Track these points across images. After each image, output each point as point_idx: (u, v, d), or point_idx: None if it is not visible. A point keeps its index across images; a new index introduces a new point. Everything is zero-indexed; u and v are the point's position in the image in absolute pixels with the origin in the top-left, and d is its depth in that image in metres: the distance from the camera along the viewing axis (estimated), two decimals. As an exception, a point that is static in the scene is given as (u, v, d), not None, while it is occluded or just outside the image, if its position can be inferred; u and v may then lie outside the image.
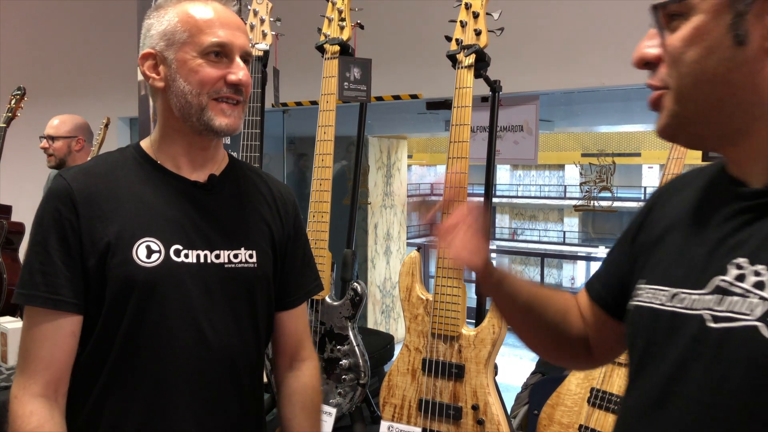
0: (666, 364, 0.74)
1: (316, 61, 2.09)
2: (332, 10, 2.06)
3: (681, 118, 0.73)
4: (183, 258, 1.11)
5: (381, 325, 6.74)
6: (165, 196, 1.14)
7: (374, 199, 6.49)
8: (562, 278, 18.25)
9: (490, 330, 1.71)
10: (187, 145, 1.16)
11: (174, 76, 1.11)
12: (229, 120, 1.12)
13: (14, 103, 3.29)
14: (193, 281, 1.11)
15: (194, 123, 1.11)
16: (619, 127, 7.68)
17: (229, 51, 1.11)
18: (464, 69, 1.79)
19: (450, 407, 1.74)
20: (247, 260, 1.17)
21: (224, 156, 1.24)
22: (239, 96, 1.13)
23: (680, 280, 0.76)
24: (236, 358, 1.16)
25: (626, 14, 2.80)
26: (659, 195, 0.91)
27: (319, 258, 1.98)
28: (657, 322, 0.77)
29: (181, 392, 1.10)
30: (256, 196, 1.24)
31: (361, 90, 2.10)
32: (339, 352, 1.94)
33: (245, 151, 2.09)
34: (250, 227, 1.20)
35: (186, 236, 1.12)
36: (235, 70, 1.11)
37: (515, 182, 19.79)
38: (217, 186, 1.18)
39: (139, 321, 1.08)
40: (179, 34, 1.10)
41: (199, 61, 1.09)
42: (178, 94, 1.11)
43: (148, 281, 1.07)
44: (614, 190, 4.10)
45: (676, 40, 0.71)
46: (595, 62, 2.91)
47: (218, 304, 1.13)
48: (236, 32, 1.12)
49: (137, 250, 1.08)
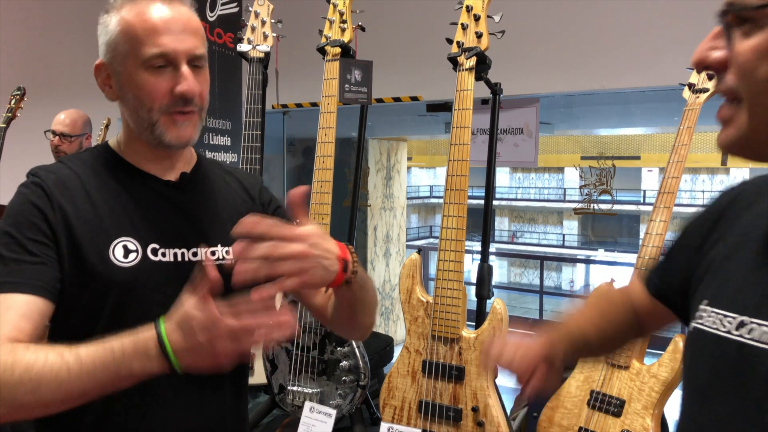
0: (737, 401, 0.69)
1: (317, 62, 2.09)
2: (333, 12, 2.06)
3: (752, 139, 0.67)
4: (160, 257, 1.09)
5: (380, 327, 6.73)
6: (139, 196, 1.11)
7: (374, 202, 6.49)
8: (561, 281, 18.25)
9: (490, 332, 1.71)
10: (152, 152, 1.13)
11: (124, 90, 1.07)
12: (180, 132, 1.08)
13: (14, 103, 3.28)
14: (170, 280, 1.08)
15: (148, 137, 1.09)
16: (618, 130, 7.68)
17: (173, 59, 1.04)
18: (465, 71, 1.79)
19: (450, 409, 1.74)
20: (224, 257, 1.15)
21: (192, 154, 1.22)
22: (190, 107, 1.07)
23: (750, 309, 0.71)
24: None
25: (626, 18, 2.81)
26: (731, 202, 0.85)
27: (319, 259, 1.98)
28: (723, 352, 0.72)
29: (161, 392, 1.08)
30: (228, 192, 1.22)
31: (361, 92, 2.10)
32: (339, 354, 1.94)
33: (246, 153, 2.09)
34: (226, 223, 1.15)
35: (162, 235, 1.10)
36: (182, 80, 1.04)
37: (515, 185, 19.80)
38: (189, 184, 1.16)
39: (117, 322, 1.03)
40: (121, 46, 1.05)
41: (143, 74, 1.04)
42: (130, 108, 1.08)
43: (126, 281, 1.05)
44: (614, 193, 4.09)
45: (748, 51, 0.64)
46: (596, 65, 2.91)
47: None
48: (180, 35, 1.05)
49: (114, 250, 1.05)
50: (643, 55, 2.74)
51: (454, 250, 1.75)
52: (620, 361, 1.72)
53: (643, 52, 2.75)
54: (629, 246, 16.37)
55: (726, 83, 0.68)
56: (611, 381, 1.74)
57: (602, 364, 1.77)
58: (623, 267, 11.31)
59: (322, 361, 1.96)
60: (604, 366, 1.76)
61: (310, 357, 1.97)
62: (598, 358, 1.10)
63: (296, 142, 5.62)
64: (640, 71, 2.77)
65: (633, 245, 16.14)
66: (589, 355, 1.09)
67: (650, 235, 1.75)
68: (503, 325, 1.71)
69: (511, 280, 19.18)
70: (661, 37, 2.66)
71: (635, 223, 16.95)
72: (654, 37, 2.69)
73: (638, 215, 16.22)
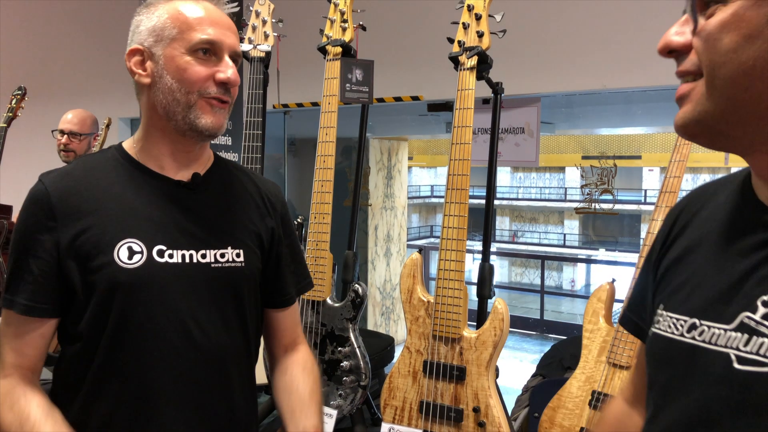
0: (688, 402, 0.69)
1: (318, 62, 2.08)
2: (334, 12, 2.06)
3: (709, 115, 0.66)
4: (167, 258, 1.09)
5: (381, 327, 6.73)
6: (147, 197, 1.12)
7: (375, 201, 6.49)
8: (562, 281, 18.26)
9: (491, 332, 1.71)
10: (171, 145, 1.14)
11: (161, 73, 1.09)
12: (215, 118, 1.11)
13: (15, 103, 3.28)
14: (178, 282, 1.09)
15: (179, 121, 1.10)
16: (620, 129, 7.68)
17: (218, 49, 1.10)
18: (466, 71, 1.78)
19: (451, 409, 1.74)
20: (234, 259, 1.15)
21: (210, 156, 1.22)
22: (227, 96, 1.12)
23: (700, 311, 0.71)
24: (225, 358, 1.14)
25: (628, 17, 2.80)
26: (681, 211, 0.85)
27: (320, 260, 1.97)
28: (676, 356, 0.73)
29: (169, 395, 1.09)
30: (242, 195, 1.22)
31: (362, 91, 2.09)
32: (340, 354, 1.94)
33: (246, 152, 2.09)
34: (237, 226, 1.19)
35: (169, 236, 1.10)
36: (224, 68, 1.10)
37: (516, 184, 19.81)
38: (201, 185, 1.17)
39: (124, 323, 1.07)
40: (168, 30, 1.08)
41: (188, 58, 1.08)
42: (165, 91, 1.09)
43: (130, 283, 1.06)
44: (615, 193, 4.09)
45: (711, 24, 0.64)
46: (597, 65, 2.91)
47: (205, 305, 1.12)
48: (226, 32, 1.11)
49: (118, 252, 1.06)
50: (645, 54, 2.74)
51: (455, 249, 1.75)
52: (622, 361, 1.72)
53: (645, 51, 2.74)
54: (630, 246, 16.37)
55: (689, 62, 0.68)
56: (613, 381, 1.73)
57: (604, 364, 1.76)
58: (624, 267, 11.31)
59: (323, 362, 1.95)
60: (605, 366, 1.76)
61: (311, 357, 1.97)
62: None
63: (297, 142, 5.61)
64: (641, 71, 2.76)
65: (634, 245, 16.14)
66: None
67: (651, 234, 1.74)
68: (504, 325, 1.71)
69: (512, 280, 19.18)
70: (662, 37, 2.65)
71: (636, 222, 16.95)
72: (655, 36, 2.67)
73: (639, 215, 16.21)
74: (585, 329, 1.83)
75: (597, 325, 1.82)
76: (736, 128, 0.66)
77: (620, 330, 1.73)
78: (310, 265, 1.98)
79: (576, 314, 12.71)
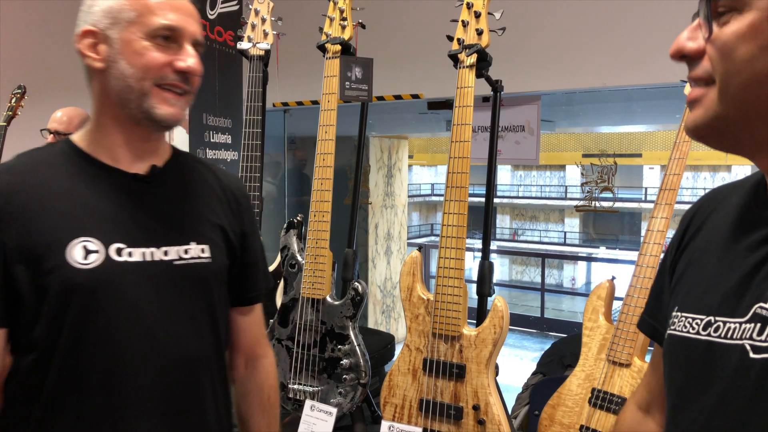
0: (706, 398, 0.70)
1: (318, 60, 2.08)
2: (333, 10, 2.06)
3: (720, 119, 0.68)
4: (126, 257, 1.01)
5: (381, 325, 6.74)
6: (101, 192, 1.04)
7: (375, 199, 6.49)
8: (562, 279, 18.25)
9: (491, 330, 1.71)
10: (125, 134, 1.06)
11: (115, 57, 1.02)
12: (173, 110, 1.04)
13: (15, 101, 3.29)
14: (139, 282, 1.02)
15: (133, 110, 1.03)
16: (620, 127, 7.68)
17: (179, 36, 1.04)
18: (466, 69, 1.78)
19: (451, 407, 1.74)
20: (200, 255, 1.09)
21: (167, 148, 1.15)
22: (186, 85, 1.05)
23: (714, 308, 0.72)
24: (195, 363, 1.08)
25: (628, 15, 2.80)
26: (694, 214, 0.86)
27: (319, 258, 1.97)
28: (693, 354, 0.73)
29: (136, 406, 1.01)
30: (204, 189, 1.15)
31: (362, 89, 2.09)
32: (340, 352, 1.94)
33: (246, 151, 2.09)
34: (200, 220, 1.12)
35: (127, 233, 1.02)
36: (184, 56, 1.04)
37: (516, 182, 19.80)
38: (159, 178, 1.09)
39: (83, 330, 0.98)
40: (126, 13, 1.01)
41: (146, 43, 1.01)
42: (119, 77, 1.02)
43: (88, 285, 0.97)
44: (615, 191, 4.09)
45: (727, 34, 0.65)
46: (597, 63, 2.91)
47: (171, 306, 1.05)
48: (188, 18, 1.05)
49: (72, 252, 0.97)
50: (645, 52, 2.74)
51: (454, 247, 1.75)
52: (621, 359, 1.72)
53: (645, 49, 2.74)
54: (631, 243, 16.37)
55: (701, 68, 0.69)
56: (612, 379, 1.73)
57: (603, 361, 1.76)
58: (625, 264, 11.31)
59: (323, 359, 1.96)
60: (605, 364, 1.76)
61: (311, 355, 1.97)
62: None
63: (297, 140, 5.62)
64: (641, 68, 2.76)
65: (634, 243, 16.14)
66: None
67: (652, 232, 1.74)
68: (504, 323, 1.71)
69: (513, 278, 19.18)
70: (662, 34, 2.65)
71: (637, 220, 16.94)
72: (655, 34, 2.69)
73: (640, 213, 16.21)
74: (585, 327, 1.83)
75: (597, 322, 1.82)
76: (746, 131, 0.68)
77: (620, 328, 1.73)
78: (310, 263, 1.98)
79: (576, 312, 12.71)
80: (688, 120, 0.71)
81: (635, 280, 1.72)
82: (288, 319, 2.02)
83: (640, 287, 1.71)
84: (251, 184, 2.08)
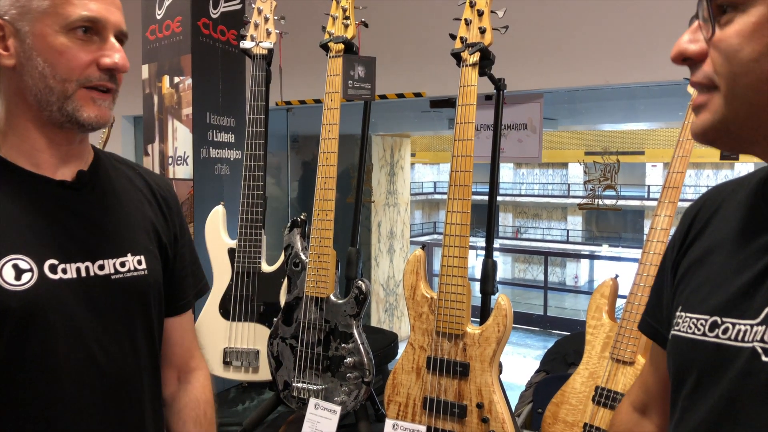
0: (715, 400, 0.69)
1: (321, 59, 2.08)
2: (336, 9, 2.06)
3: (728, 122, 0.66)
4: (60, 274, 0.93)
5: (385, 323, 6.74)
6: (25, 202, 0.94)
7: (378, 198, 6.49)
8: (565, 277, 18.26)
9: (494, 328, 1.71)
10: (47, 138, 0.96)
11: (29, 54, 0.91)
12: (99, 111, 0.96)
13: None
14: (76, 300, 0.94)
15: (54, 112, 0.93)
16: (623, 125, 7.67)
17: (101, 28, 0.93)
18: (469, 67, 1.78)
19: (455, 405, 1.74)
20: (136, 267, 1.02)
21: (89, 149, 1.06)
22: (112, 84, 0.97)
23: (722, 308, 0.71)
24: (134, 380, 1.03)
25: (630, 12, 2.80)
26: (697, 211, 0.85)
27: (323, 256, 1.98)
28: (701, 356, 0.72)
29: (75, 430, 0.95)
30: (133, 193, 1.08)
31: (365, 88, 2.09)
32: (343, 350, 1.94)
33: (249, 150, 2.09)
34: (134, 229, 1.05)
35: (60, 248, 0.94)
36: (110, 52, 0.94)
37: (519, 181, 19.80)
38: (88, 184, 1.01)
39: (18, 356, 0.90)
40: (38, 2, 0.90)
41: (63, 39, 0.91)
42: (35, 77, 0.91)
43: (23, 308, 0.89)
44: (618, 189, 4.08)
45: (730, 34, 0.63)
46: (599, 60, 2.91)
47: (109, 323, 0.99)
48: (110, 7, 0.95)
49: (2, 272, 0.88)
50: (647, 50, 2.73)
51: (457, 246, 1.75)
52: (625, 357, 1.72)
53: (647, 47, 2.73)
54: (633, 241, 16.37)
55: (701, 73, 0.67)
56: (616, 377, 1.74)
57: (607, 359, 1.76)
58: (627, 262, 11.30)
59: (327, 358, 1.96)
60: (608, 362, 1.76)
61: (315, 353, 1.97)
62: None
63: (300, 139, 5.62)
64: (644, 66, 2.76)
65: (637, 240, 16.14)
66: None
67: (655, 230, 1.74)
68: (507, 321, 1.71)
69: (516, 276, 19.19)
70: (665, 32, 2.65)
71: (640, 218, 16.94)
72: (658, 31, 2.68)
73: (642, 210, 16.21)
74: (588, 325, 1.83)
75: (600, 320, 1.82)
76: (756, 132, 0.66)
77: (623, 326, 1.73)
78: (314, 262, 1.99)
79: (579, 310, 12.71)
80: (694, 125, 0.70)
81: (638, 278, 1.73)
82: (292, 318, 2.02)
83: (643, 285, 1.71)
84: (254, 183, 2.09)
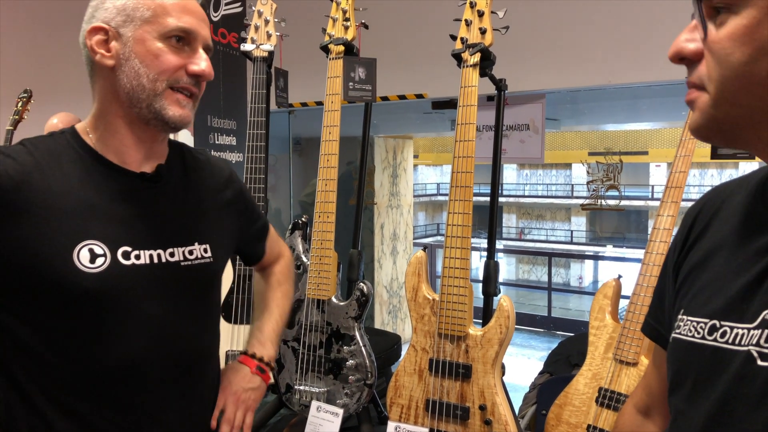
0: (710, 403, 0.69)
1: (321, 61, 2.08)
2: (336, 10, 2.05)
3: (718, 121, 0.66)
4: (134, 260, 1.01)
5: (388, 325, 6.73)
6: (109, 193, 1.02)
7: (380, 200, 6.49)
8: (569, 277, 18.22)
9: (497, 330, 1.70)
10: (135, 135, 1.05)
11: (128, 56, 1.00)
12: (183, 111, 1.04)
13: (21, 105, 3.30)
14: (148, 285, 1.02)
15: (143, 109, 1.02)
16: (626, 125, 7.65)
17: (192, 39, 1.04)
18: (469, 68, 1.78)
19: (457, 407, 1.74)
20: (202, 255, 1.10)
21: (166, 146, 1.15)
22: (196, 89, 1.06)
23: (720, 312, 0.71)
24: (199, 361, 1.12)
25: (632, 12, 2.79)
26: (698, 213, 0.84)
27: (324, 258, 1.97)
28: (698, 359, 0.72)
29: (145, 408, 1.04)
30: (203, 182, 1.17)
31: (366, 90, 2.09)
32: (345, 353, 1.94)
33: (251, 152, 2.09)
34: (203, 218, 1.14)
35: (135, 236, 1.02)
36: (198, 60, 1.04)
37: (522, 181, 19.78)
38: (164, 177, 1.09)
39: (91, 335, 0.98)
40: (141, 12, 1.01)
41: (159, 44, 1.01)
42: (131, 75, 1.01)
43: (96, 289, 0.96)
44: (622, 189, 4.07)
45: (722, 37, 0.62)
46: (602, 60, 2.90)
47: (178, 308, 1.07)
48: (201, 23, 1.06)
49: (78, 255, 0.95)
50: (650, 49, 2.72)
51: (459, 247, 1.74)
52: (628, 358, 1.71)
53: (650, 46, 2.72)
54: (637, 242, 16.33)
55: (696, 75, 0.67)
56: (620, 378, 1.73)
57: (610, 360, 1.75)
58: (632, 263, 11.27)
59: (329, 360, 1.95)
60: (612, 363, 1.75)
61: (317, 356, 1.97)
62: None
63: (303, 141, 5.62)
64: (646, 66, 2.75)
65: (641, 241, 16.09)
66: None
67: (657, 230, 1.73)
68: (510, 323, 1.70)
69: (520, 277, 19.15)
70: (667, 32, 2.64)
71: (643, 218, 16.90)
72: (660, 30, 2.67)
73: (646, 210, 16.17)
74: (591, 326, 1.82)
75: (603, 321, 1.81)
76: (752, 132, 0.66)
77: (626, 327, 1.72)
78: (315, 264, 1.98)
79: (584, 311, 12.67)
80: (690, 121, 0.70)
81: (642, 278, 1.72)
82: (293, 321, 2.02)
83: (646, 285, 1.70)
84: (256, 185, 2.09)
